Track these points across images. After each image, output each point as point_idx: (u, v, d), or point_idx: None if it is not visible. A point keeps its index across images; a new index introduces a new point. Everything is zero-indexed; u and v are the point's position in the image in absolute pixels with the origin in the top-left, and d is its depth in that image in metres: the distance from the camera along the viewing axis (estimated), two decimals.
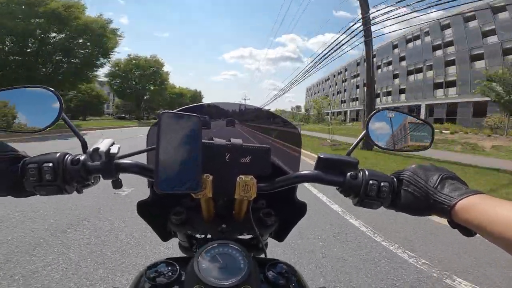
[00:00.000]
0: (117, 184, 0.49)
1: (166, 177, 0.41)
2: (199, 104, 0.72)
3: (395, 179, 0.48)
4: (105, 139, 0.49)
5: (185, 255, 0.65)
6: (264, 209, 0.62)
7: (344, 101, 60.75)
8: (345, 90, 61.01)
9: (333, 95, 64.92)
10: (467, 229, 0.39)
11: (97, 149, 0.46)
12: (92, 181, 0.49)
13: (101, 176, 0.48)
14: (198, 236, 0.66)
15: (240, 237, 0.65)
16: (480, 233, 0.36)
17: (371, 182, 0.47)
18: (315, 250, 2.44)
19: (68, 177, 0.46)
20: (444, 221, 0.42)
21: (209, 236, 0.62)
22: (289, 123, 0.66)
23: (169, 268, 0.51)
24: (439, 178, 0.43)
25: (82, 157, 0.47)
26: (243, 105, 0.69)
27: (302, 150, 0.65)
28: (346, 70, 59.51)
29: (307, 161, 6.85)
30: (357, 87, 53.31)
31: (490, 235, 0.34)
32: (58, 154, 0.47)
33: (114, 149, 0.47)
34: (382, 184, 0.47)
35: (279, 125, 0.68)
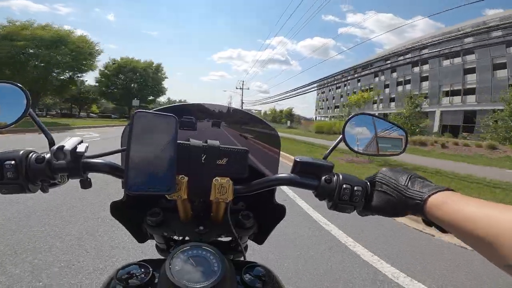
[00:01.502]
0: (86, 184, 0.48)
1: (137, 178, 0.40)
2: (185, 104, 0.71)
3: (368, 183, 0.49)
4: (72, 137, 0.48)
5: (160, 257, 0.63)
6: (243, 211, 0.62)
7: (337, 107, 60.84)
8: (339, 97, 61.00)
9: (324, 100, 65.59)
10: (439, 227, 0.39)
11: (61, 147, 0.45)
12: (59, 180, 0.47)
13: (67, 175, 0.47)
14: (176, 237, 0.65)
15: (220, 239, 0.64)
16: (450, 231, 0.37)
17: (344, 186, 0.48)
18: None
19: (32, 175, 0.45)
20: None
21: (187, 238, 0.61)
22: (270, 126, 0.67)
23: (142, 270, 0.50)
24: (409, 177, 0.44)
25: (47, 156, 0.46)
26: (229, 107, 0.70)
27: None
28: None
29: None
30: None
31: (459, 232, 0.35)
32: (21, 152, 0.45)
33: (81, 148, 0.46)
34: (355, 188, 0.47)
35: (260, 127, 0.68)
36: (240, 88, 47.02)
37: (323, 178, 0.50)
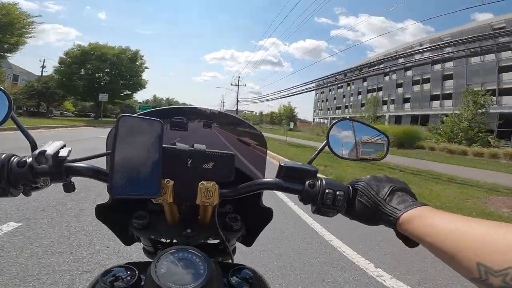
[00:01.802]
0: (69, 188, 0.47)
1: (122, 182, 0.40)
2: (176, 106, 0.72)
3: (350, 188, 0.50)
4: (55, 141, 0.47)
5: (147, 260, 0.63)
6: (231, 214, 0.62)
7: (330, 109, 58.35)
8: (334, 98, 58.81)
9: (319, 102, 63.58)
10: (410, 240, 0.41)
11: (43, 151, 0.44)
12: (41, 184, 0.47)
13: (49, 179, 0.46)
14: (163, 240, 0.65)
15: (208, 241, 0.65)
16: (422, 244, 0.38)
17: (327, 191, 0.49)
18: None
19: (14, 179, 0.44)
20: None
21: (174, 240, 0.61)
22: (255, 129, 0.68)
23: (128, 272, 0.50)
24: (389, 189, 0.46)
25: (29, 160, 0.45)
26: (218, 111, 0.70)
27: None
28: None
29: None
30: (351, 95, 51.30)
31: (429, 245, 0.36)
32: (3, 156, 0.44)
33: (63, 152, 0.46)
34: (337, 193, 0.48)
35: (246, 130, 0.70)
36: (235, 85, 42.69)
37: (307, 182, 0.51)
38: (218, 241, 0.64)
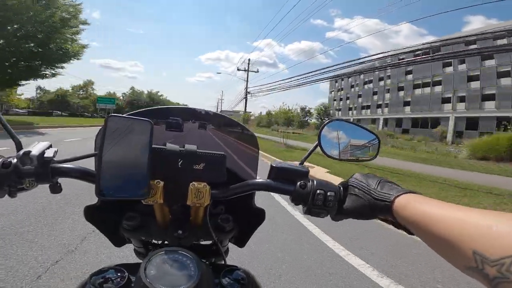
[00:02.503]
0: (56, 189, 0.47)
1: (109, 183, 0.40)
2: (171, 106, 0.72)
3: (341, 188, 0.50)
4: (40, 142, 0.46)
5: (137, 262, 0.63)
6: (222, 214, 0.62)
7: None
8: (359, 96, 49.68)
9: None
10: (407, 228, 0.40)
11: (28, 152, 0.44)
12: (27, 185, 0.46)
13: (35, 180, 0.45)
14: (155, 242, 0.64)
15: (201, 242, 0.64)
16: (416, 232, 0.37)
17: (318, 191, 0.49)
18: None
19: None
20: None
21: (166, 242, 0.60)
22: (247, 129, 0.69)
23: (118, 274, 0.49)
24: (379, 181, 0.46)
25: (14, 160, 0.44)
26: (214, 112, 0.71)
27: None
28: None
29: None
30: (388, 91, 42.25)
31: (423, 233, 0.35)
32: None
33: (49, 153, 0.45)
34: (328, 193, 0.48)
35: (239, 130, 0.70)
36: (245, 70, 30.00)
37: (298, 183, 0.50)
38: (210, 242, 0.64)
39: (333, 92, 57.23)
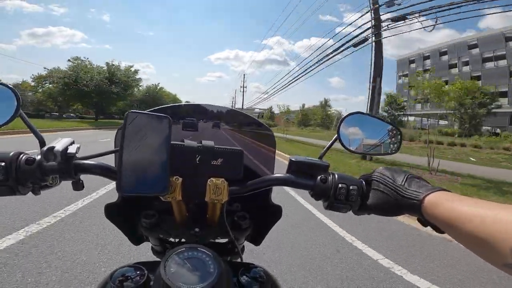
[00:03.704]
0: (78, 186, 0.47)
1: (130, 179, 0.40)
2: (185, 104, 0.73)
3: (363, 182, 0.49)
4: (63, 138, 0.47)
5: (156, 260, 0.63)
6: (239, 212, 0.61)
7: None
8: None
9: None
10: (437, 227, 0.39)
11: (52, 148, 0.44)
12: (50, 182, 0.46)
13: (59, 177, 0.46)
14: (172, 240, 0.65)
15: (217, 240, 0.64)
16: (448, 231, 0.36)
17: (340, 185, 0.47)
18: None
19: (22, 177, 0.44)
20: None
21: (183, 240, 0.60)
22: (266, 126, 0.68)
23: (137, 272, 0.49)
24: (406, 177, 0.44)
25: (38, 157, 0.45)
26: (228, 109, 0.71)
27: None
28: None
29: None
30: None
31: (453, 232, 0.35)
32: (12, 153, 0.44)
33: (72, 149, 0.45)
34: (351, 187, 0.47)
35: (256, 128, 0.69)
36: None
37: (318, 177, 0.49)
38: (226, 240, 0.64)
39: (401, 78, 40.34)
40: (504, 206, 0.31)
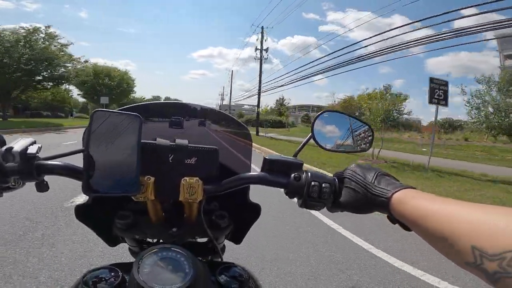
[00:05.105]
0: (42, 187, 0.45)
1: (97, 179, 0.39)
2: (172, 102, 0.73)
3: (336, 180, 0.49)
4: (23, 138, 0.45)
5: (131, 261, 0.62)
6: (217, 211, 0.61)
7: None
8: None
9: None
10: (404, 224, 0.39)
11: (10, 148, 0.42)
12: (13, 184, 0.44)
13: (20, 178, 0.44)
14: (150, 240, 0.64)
15: (197, 240, 0.63)
16: (413, 228, 0.37)
17: (313, 183, 0.48)
18: None
19: None
20: None
21: (161, 240, 0.59)
22: (241, 124, 0.69)
23: (112, 274, 0.48)
24: (376, 174, 0.45)
25: None
26: (209, 107, 0.71)
27: None
28: None
29: None
30: None
31: (422, 229, 0.35)
32: None
33: (32, 149, 0.43)
34: (323, 185, 0.47)
35: (233, 126, 0.69)
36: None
37: (292, 175, 0.50)
38: (206, 239, 0.63)
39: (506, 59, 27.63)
40: (468, 204, 0.32)
